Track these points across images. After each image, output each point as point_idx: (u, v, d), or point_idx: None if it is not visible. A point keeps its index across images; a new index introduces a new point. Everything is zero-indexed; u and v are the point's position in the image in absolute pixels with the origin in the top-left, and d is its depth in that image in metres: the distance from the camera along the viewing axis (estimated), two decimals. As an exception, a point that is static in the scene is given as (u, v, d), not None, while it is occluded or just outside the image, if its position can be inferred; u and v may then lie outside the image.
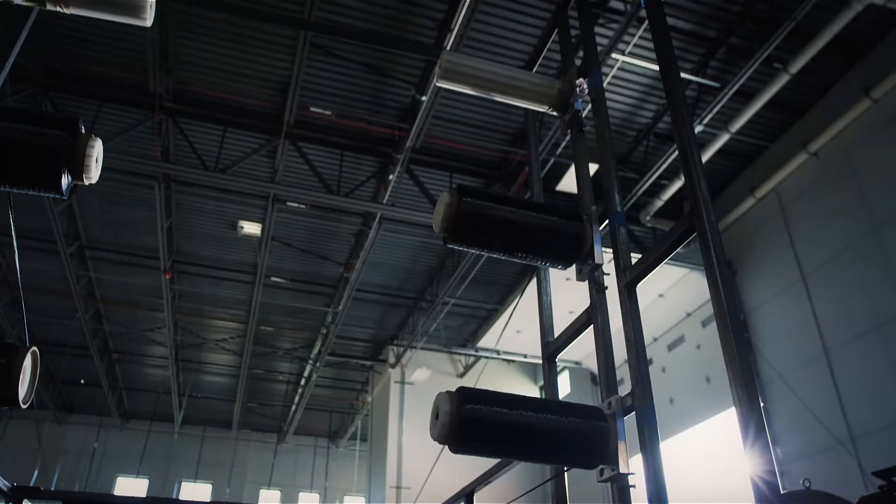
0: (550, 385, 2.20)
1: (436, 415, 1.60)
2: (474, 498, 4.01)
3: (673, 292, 14.83)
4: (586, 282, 2.02)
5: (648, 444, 1.60)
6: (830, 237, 11.45)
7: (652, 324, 15.38)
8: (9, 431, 23.03)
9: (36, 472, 22.35)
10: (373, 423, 21.52)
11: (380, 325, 19.44)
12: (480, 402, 1.57)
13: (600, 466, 1.72)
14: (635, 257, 1.95)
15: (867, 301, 10.64)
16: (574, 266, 2.04)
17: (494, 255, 2.02)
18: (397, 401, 19.04)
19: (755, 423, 1.33)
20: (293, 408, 23.65)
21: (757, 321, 13.24)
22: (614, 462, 1.67)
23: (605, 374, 1.82)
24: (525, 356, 18.55)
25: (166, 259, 15.04)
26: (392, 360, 19.54)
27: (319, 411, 25.16)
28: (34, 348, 2.60)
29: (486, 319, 18.19)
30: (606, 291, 2.12)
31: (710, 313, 14.56)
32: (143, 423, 25.35)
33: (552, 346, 2.16)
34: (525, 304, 15.86)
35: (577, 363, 18.46)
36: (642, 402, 1.64)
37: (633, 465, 1.73)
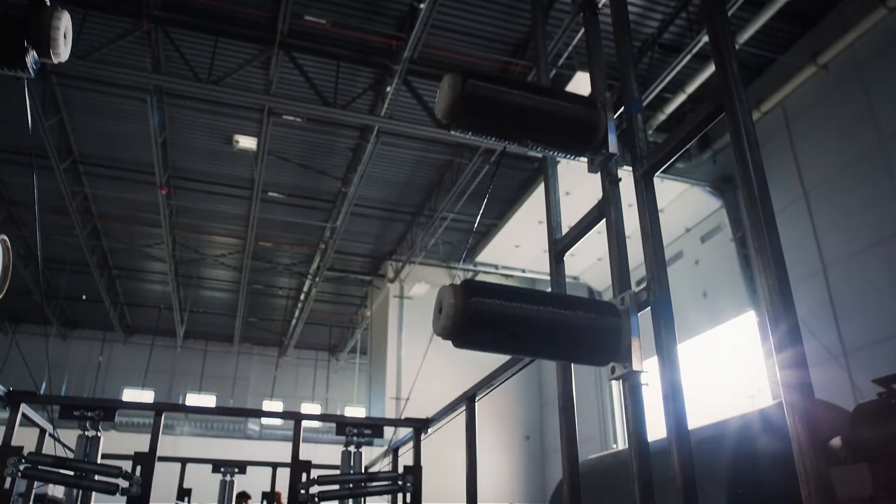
0: (558, 285, 2.13)
1: (439, 309, 1.52)
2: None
3: (673, 208, 14.74)
4: (598, 174, 1.92)
5: (664, 339, 1.54)
6: (835, 153, 11.27)
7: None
8: (15, 347, 23.35)
9: (44, 385, 22.75)
10: (372, 336, 21.85)
11: (378, 241, 19.44)
12: (486, 294, 1.50)
13: (611, 364, 1.67)
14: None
15: (869, 217, 10.57)
16: (585, 157, 1.94)
17: (501, 143, 1.90)
18: (396, 315, 19.26)
19: (787, 319, 1.26)
20: (293, 322, 23.94)
21: (756, 237, 13.20)
22: (627, 359, 1.62)
23: (618, 270, 1.74)
24: (523, 270, 18.64)
25: (162, 174, 14.86)
26: (391, 274, 19.64)
27: (319, 325, 25.49)
28: (3, 237, 2.49)
29: (484, 235, 18.17)
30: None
31: (709, 229, 14.53)
32: (146, 338, 25.70)
33: (560, 244, 2.07)
34: (524, 219, 15.81)
35: (574, 278, 18.55)
36: (658, 295, 1.57)
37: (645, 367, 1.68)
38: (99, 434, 4.43)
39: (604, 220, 1.87)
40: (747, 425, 5.55)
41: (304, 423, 5.47)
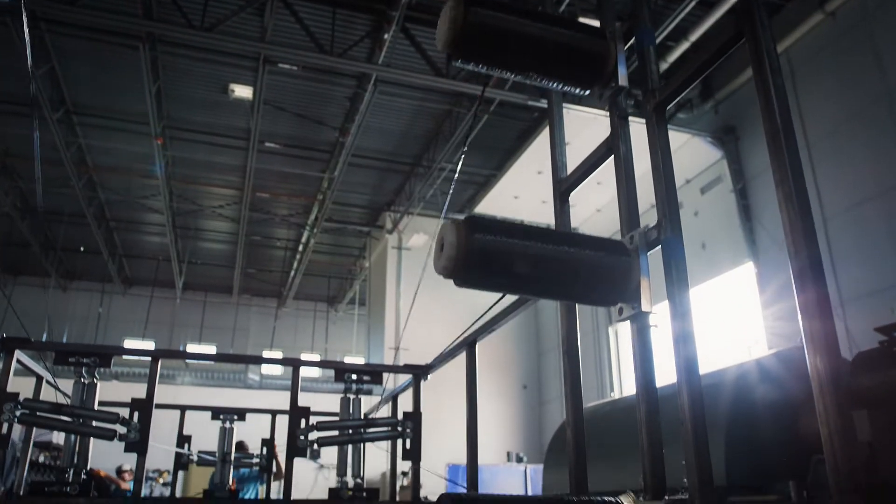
0: (563, 225, 2.08)
1: (440, 246, 1.46)
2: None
3: (673, 159, 14.58)
4: (606, 109, 1.84)
5: (675, 278, 1.49)
6: (840, 103, 11.10)
7: (650, 190, 15.25)
8: (15, 298, 23.37)
9: (45, 336, 22.88)
10: (371, 288, 21.90)
11: (376, 191, 19.33)
12: (490, 231, 1.43)
13: (619, 305, 1.62)
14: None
15: (871, 169, 10.48)
16: (593, 90, 1.86)
17: (505, 75, 1.82)
18: (394, 266, 19.27)
19: (809, 253, 1.21)
20: (292, 273, 23.96)
21: (757, 189, 13.14)
22: (635, 299, 1.57)
23: (627, 208, 1.68)
24: (522, 221, 18.58)
25: (157, 124, 14.66)
26: (389, 226, 19.59)
27: (318, 277, 25.53)
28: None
29: (483, 185, 18.06)
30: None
31: (709, 180, 14.43)
32: (145, 290, 25.75)
33: (565, 184, 2.01)
34: (523, 169, 15.69)
35: (573, 229, 18.48)
36: (670, 233, 1.52)
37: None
38: (95, 381, 4.43)
39: (611, 157, 1.81)
40: (744, 374, 5.57)
41: (304, 373, 5.48)
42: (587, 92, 1.86)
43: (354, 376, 5.29)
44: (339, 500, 5.10)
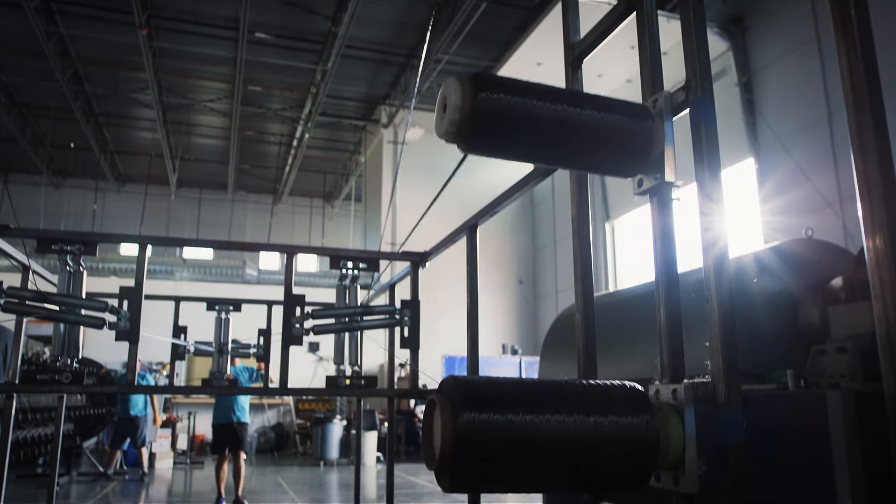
0: (574, 96, 1.92)
1: (443, 107, 1.31)
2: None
3: (677, 50, 14.07)
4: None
5: (705, 146, 1.37)
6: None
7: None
8: (6, 197, 23.14)
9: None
10: (366, 183, 21.72)
11: (371, 84, 18.79)
12: (500, 89, 1.28)
13: (639, 176, 1.50)
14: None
15: (885, 61, 10.09)
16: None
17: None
18: (390, 161, 19.03)
19: (873, 112, 1.10)
20: (287, 169, 23.66)
21: (762, 81, 12.80)
22: (658, 169, 1.44)
23: (651, 70, 1.54)
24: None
25: (141, 13, 14.02)
26: (385, 120, 19.18)
27: (313, 172, 25.23)
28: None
29: (481, 79, 17.54)
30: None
31: (713, 73, 14.02)
32: (139, 187, 25.42)
33: (578, 48, 1.84)
34: (522, 62, 15.22)
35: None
36: (700, 94, 1.39)
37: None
38: (82, 270, 4.34)
39: (631, 15, 1.64)
40: (744, 267, 5.53)
41: (301, 268, 5.41)
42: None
43: (350, 264, 5.20)
44: (335, 388, 5.14)
